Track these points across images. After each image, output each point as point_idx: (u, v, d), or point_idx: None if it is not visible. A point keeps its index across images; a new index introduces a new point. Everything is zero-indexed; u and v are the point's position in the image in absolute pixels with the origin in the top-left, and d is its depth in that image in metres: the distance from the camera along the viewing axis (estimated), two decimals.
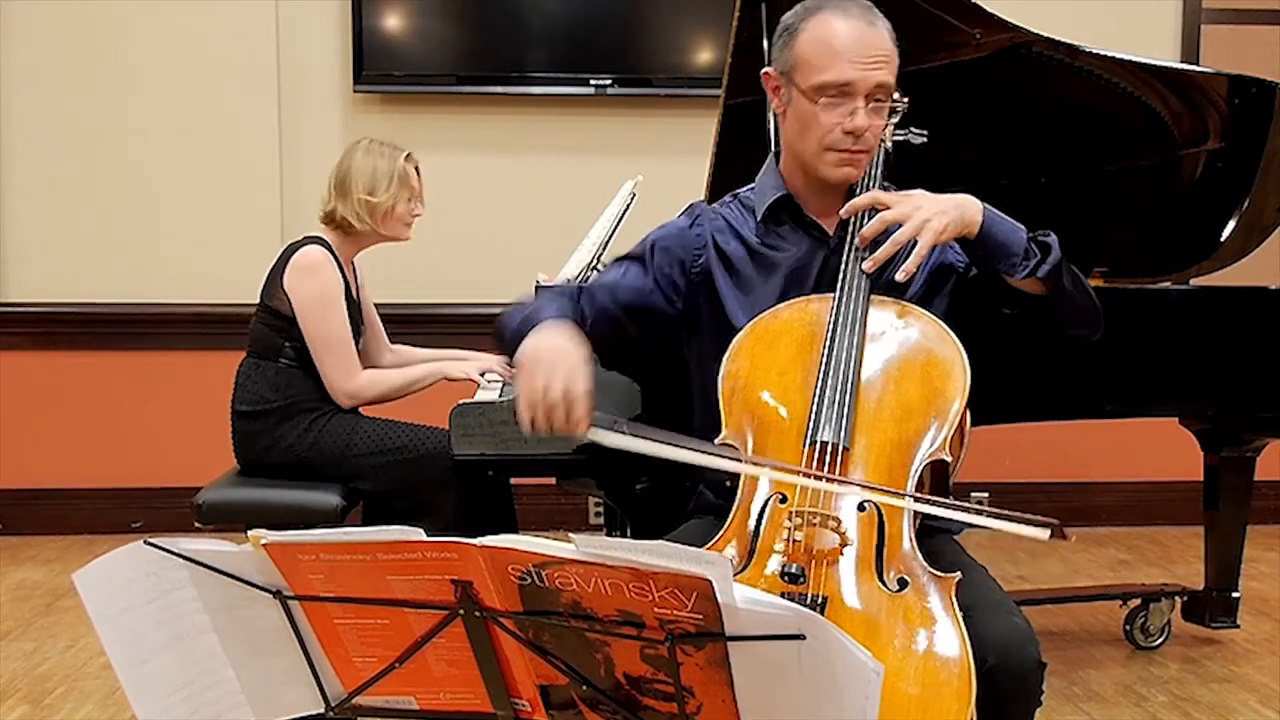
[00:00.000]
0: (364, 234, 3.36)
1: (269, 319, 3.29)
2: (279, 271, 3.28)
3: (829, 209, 2.15)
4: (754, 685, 1.35)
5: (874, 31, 2.05)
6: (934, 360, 1.97)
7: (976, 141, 3.30)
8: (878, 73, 2.04)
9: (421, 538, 1.38)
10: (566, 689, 1.45)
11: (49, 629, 3.82)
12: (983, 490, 5.02)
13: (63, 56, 4.77)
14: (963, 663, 1.67)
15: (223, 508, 3.15)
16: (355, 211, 3.31)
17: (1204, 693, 3.36)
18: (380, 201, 3.31)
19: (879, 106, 2.07)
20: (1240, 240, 3.40)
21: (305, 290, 3.24)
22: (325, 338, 3.24)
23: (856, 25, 2.05)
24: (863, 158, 2.09)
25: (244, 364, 3.32)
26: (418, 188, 3.40)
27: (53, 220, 4.84)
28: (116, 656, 1.51)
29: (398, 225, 3.38)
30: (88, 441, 4.88)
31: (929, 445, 1.91)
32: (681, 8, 4.87)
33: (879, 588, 1.77)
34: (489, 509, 3.26)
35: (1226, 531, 3.53)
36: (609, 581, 1.32)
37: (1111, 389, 3.16)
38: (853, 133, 2.05)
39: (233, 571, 1.47)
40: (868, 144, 2.08)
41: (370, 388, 3.30)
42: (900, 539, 1.83)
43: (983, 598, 1.87)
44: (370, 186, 3.30)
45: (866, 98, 2.04)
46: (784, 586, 1.75)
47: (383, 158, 3.34)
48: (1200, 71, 3.55)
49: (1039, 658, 1.81)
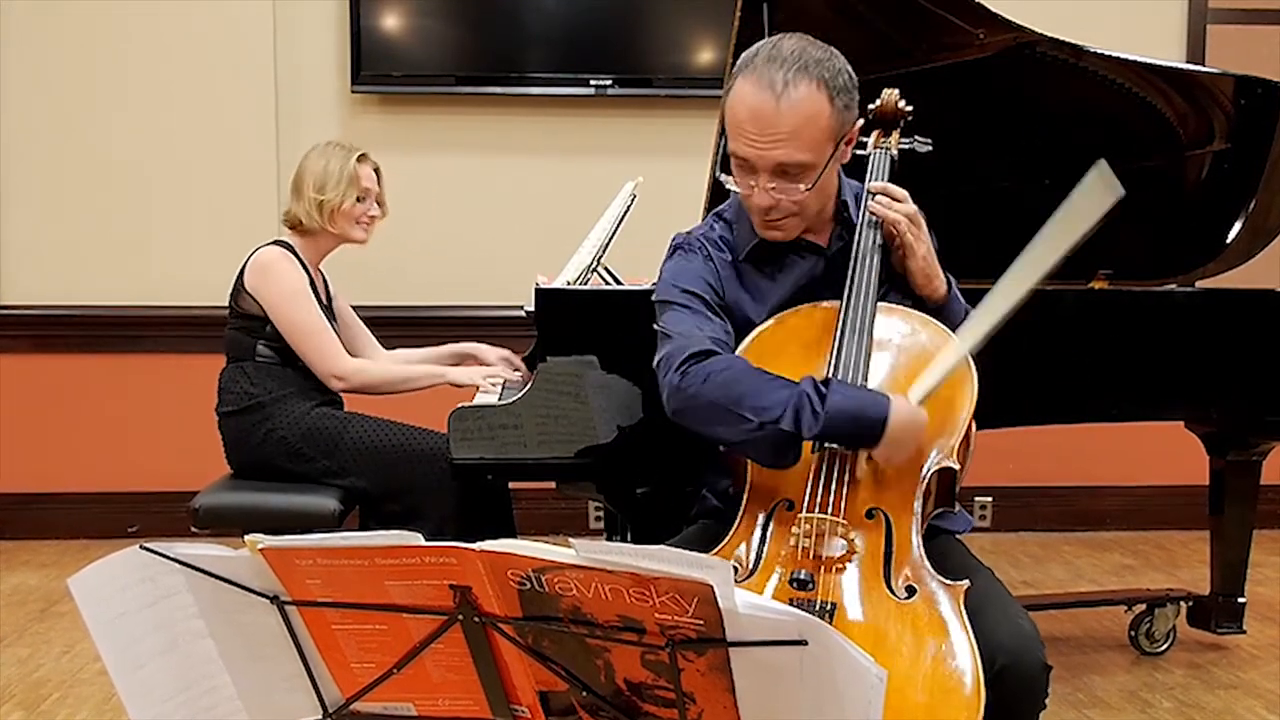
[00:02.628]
0: (318, 233, 3.38)
1: (239, 322, 3.33)
2: (241, 275, 3.32)
3: (815, 225, 2.16)
4: (755, 691, 1.34)
5: (778, 107, 1.95)
6: (941, 371, 1.94)
7: (979, 143, 3.29)
8: (774, 152, 1.97)
9: (420, 542, 1.37)
10: (566, 695, 1.45)
11: (44, 634, 3.80)
12: (987, 494, 5.02)
13: (58, 58, 4.76)
14: (972, 671, 1.67)
15: (219, 512, 3.14)
16: (306, 210, 3.35)
17: (1209, 699, 3.34)
18: (328, 199, 3.33)
19: (787, 181, 2.00)
20: (1246, 242, 3.39)
21: (269, 288, 3.27)
22: (300, 327, 3.26)
23: (760, 99, 1.95)
24: (787, 223, 2.07)
25: (224, 372, 3.35)
26: (372, 188, 3.42)
27: (48, 223, 4.82)
28: (112, 662, 1.50)
29: (347, 223, 3.38)
30: (83, 445, 4.86)
31: (936, 454, 1.91)
32: (682, 8, 4.85)
33: (887, 595, 1.77)
34: (488, 513, 3.24)
35: (1232, 536, 3.51)
36: (609, 586, 1.31)
37: (1116, 392, 3.15)
38: (761, 209, 2.04)
39: (229, 576, 1.46)
40: (785, 212, 2.04)
41: (359, 374, 3.32)
42: (908, 546, 1.83)
43: (989, 600, 1.87)
44: (320, 184, 3.34)
45: (770, 174, 2.00)
46: (792, 593, 1.75)
47: (335, 157, 3.38)
48: (1206, 72, 3.53)
49: (1044, 660, 1.81)
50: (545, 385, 2.71)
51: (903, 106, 2.28)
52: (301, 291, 3.28)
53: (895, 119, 2.30)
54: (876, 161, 2.22)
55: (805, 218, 2.08)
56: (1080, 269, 3.38)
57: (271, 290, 3.26)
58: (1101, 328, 3.10)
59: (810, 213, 2.08)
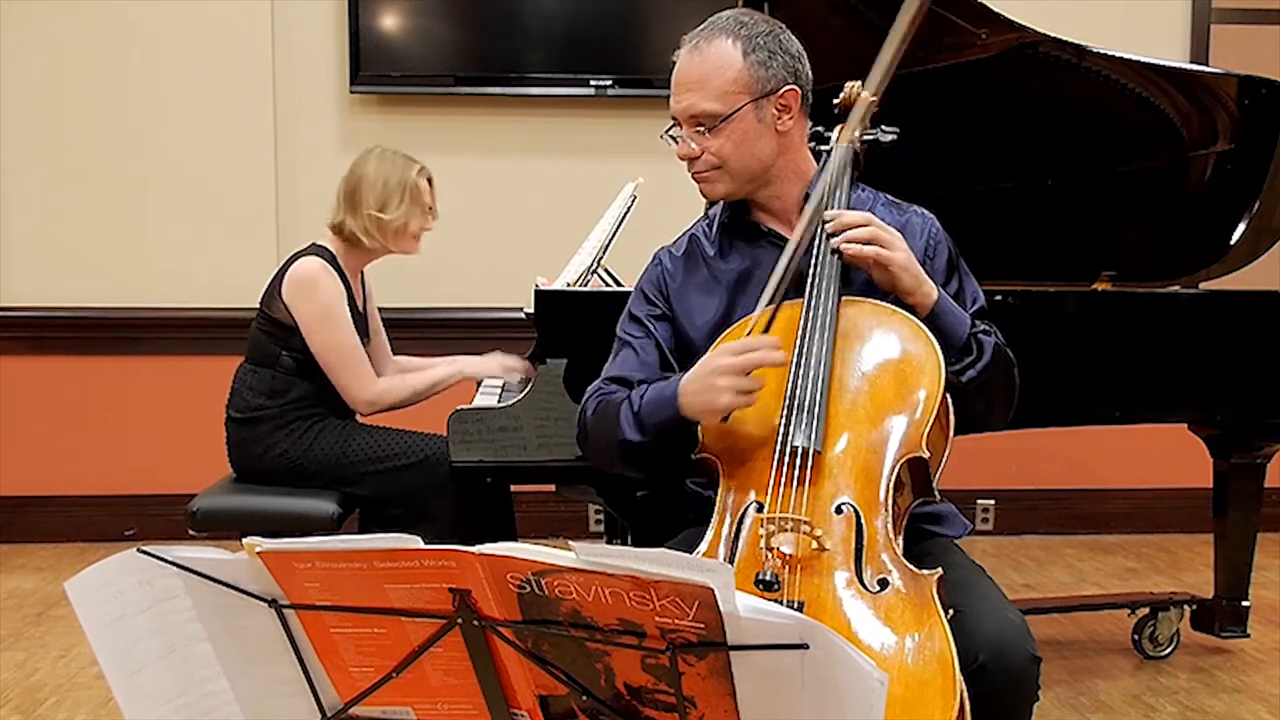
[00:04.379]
0: (373, 249, 3.31)
1: (268, 326, 3.27)
2: (278, 281, 3.25)
3: (779, 211, 2.21)
4: (756, 695, 1.33)
5: (690, 58, 2.10)
6: (908, 358, 1.96)
7: (982, 143, 3.29)
8: (684, 100, 2.10)
9: (419, 545, 1.36)
10: (566, 699, 1.44)
11: (41, 638, 3.79)
12: (989, 497, 5.00)
13: (57, 59, 4.75)
14: (946, 660, 1.66)
15: (217, 515, 3.13)
16: (364, 227, 3.27)
17: (1214, 703, 3.33)
18: (391, 219, 3.26)
19: (701, 132, 2.11)
20: (1250, 243, 3.38)
21: (305, 307, 3.20)
22: (335, 349, 3.21)
23: (681, 56, 2.12)
24: (710, 176, 2.15)
25: (240, 369, 3.30)
26: (430, 202, 3.36)
27: (46, 224, 4.81)
28: (109, 666, 1.49)
29: (408, 241, 3.34)
30: (81, 448, 4.85)
31: (903, 445, 1.90)
32: (682, 8, 4.83)
33: (858, 589, 1.77)
34: (487, 516, 3.23)
35: (1236, 539, 3.50)
36: (609, 590, 1.31)
37: (1119, 394, 3.14)
38: (684, 158, 2.15)
39: (227, 580, 1.46)
40: (706, 165, 2.13)
41: (390, 394, 3.28)
42: (879, 540, 1.83)
43: (975, 595, 1.87)
44: (381, 202, 3.25)
45: (688, 125, 2.12)
46: (758, 594, 1.73)
47: (395, 171, 3.28)
48: (1210, 72, 3.53)
49: (1033, 653, 1.80)
50: (545, 387, 2.70)
51: (866, 97, 2.28)
52: (339, 314, 3.20)
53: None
54: (838, 155, 2.22)
55: (732, 174, 2.14)
56: (1084, 270, 3.38)
57: (310, 309, 3.19)
58: (1105, 329, 3.09)
59: (735, 168, 2.13)
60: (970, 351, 2.04)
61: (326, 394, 3.26)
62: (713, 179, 2.15)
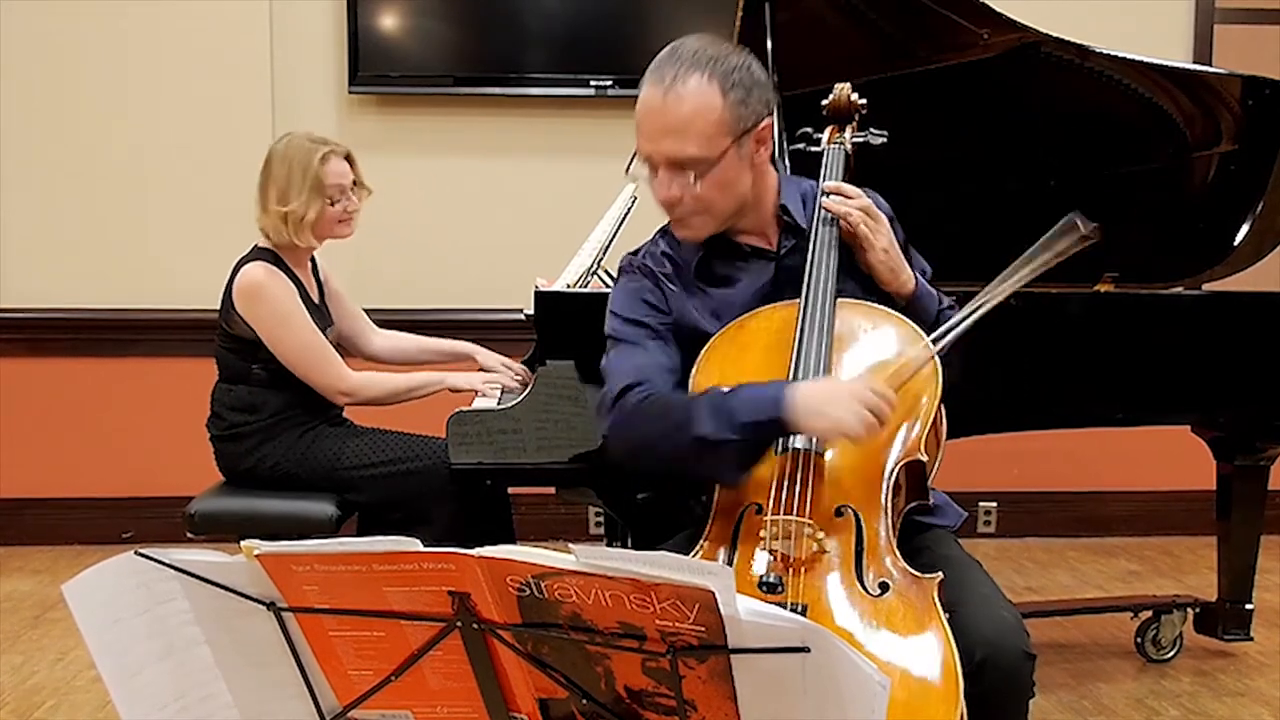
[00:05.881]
0: (294, 245, 3.19)
1: (231, 344, 3.20)
2: (229, 295, 3.17)
3: (755, 229, 2.16)
4: (757, 699, 1.33)
5: (666, 101, 1.97)
6: (904, 361, 1.96)
7: (984, 144, 3.28)
8: (663, 146, 1.99)
9: (418, 548, 1.36)
10: (566, 702, 1.44)
11: (38, 641, 3.78)
12: (992, 500, 4.99)
13: (54, 60, 4.74)
14: (948, 665, 1.66)
15: (215, 518, 3.12)
16: (274, 224, 3.15)
17: (1217, 706, 3.32)
18: (292, 211, 3.12)
19: (683, 176, 2.00)
20: (1254, 244, 3.38)
21: (257, 313, 3.11)
22: (298, 349, 3.13)
23: (652, 95, 1.98)
24: (693, 220, 2.07)
25: (216, 388, 3.25)
26: (344, 184, 3.19)
27: (43, 225, 4.80)
28: (107, 669, 1.49)
29: (326, 228, 3.19)
30: (78, 450, 4.83)
31: (900, 447, 1.91)
32: (682, 8, 4.83)
33: (860, 593, 1.77)
34: (487, 519, 3.21)
35: (1240, 542, 3.49)
36: (609, 593, 1.31)
37: (1122, 396, 3.14)
38: (665, 203, 2.06)
39: (226, 583, 1.45)
40: (689, 210, 2.05)
41: (366, 388, 3.21)
42: (879, 542, 1.83)
43: (970, 592, 1.87)
44: (282, 194, 3.13)
45: (666, 168, 2.01)
46: (761, 597, 1.73)
47: (296, 160, 3.14)
48: (1213, 72, 3.52)
49: (1028, 650, 1.81)
50: (545, 389, 2.69)
51: (856, 100, 2.30)
52: (293, 312, 3.12)
53: (849, 114, 2.32)
54: (830, 158, 2.24)
55: (714, 215, 2.07)
56: (1086, 271, 3.36)
57: (262, 315, 3.11)
58: (1107, 331, 3.08)
59: (719, 210, 2.06)
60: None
61: (307, 399, 3.20)
62: (695, 224, 2.07)
